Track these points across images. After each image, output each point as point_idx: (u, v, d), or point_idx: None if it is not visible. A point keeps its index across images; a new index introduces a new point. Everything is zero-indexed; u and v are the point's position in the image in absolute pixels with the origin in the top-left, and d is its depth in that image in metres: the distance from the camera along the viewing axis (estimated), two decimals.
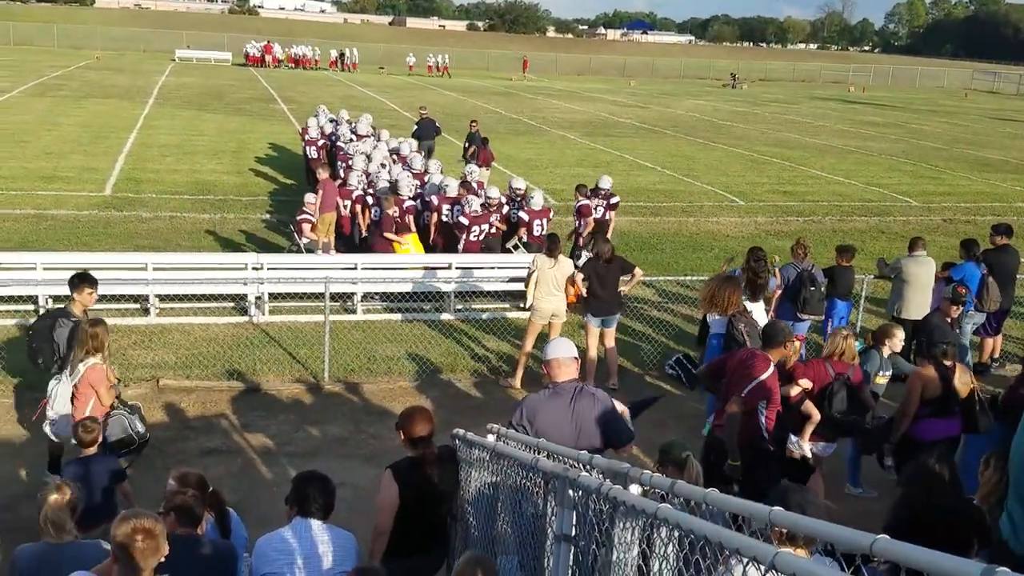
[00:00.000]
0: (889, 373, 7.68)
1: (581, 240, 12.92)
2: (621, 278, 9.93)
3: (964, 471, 5.52)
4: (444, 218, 12.48)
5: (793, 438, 6.85)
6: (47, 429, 6.79)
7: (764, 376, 6.21)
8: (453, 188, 12.81)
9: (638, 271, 10.17)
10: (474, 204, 12.20)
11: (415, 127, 22.13)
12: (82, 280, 7.18)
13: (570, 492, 3.45)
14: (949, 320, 8.74)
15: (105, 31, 72.23)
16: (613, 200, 13.75)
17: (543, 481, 3.85)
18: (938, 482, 4.79)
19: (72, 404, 6.56)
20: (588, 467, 3.61)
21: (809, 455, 6.96)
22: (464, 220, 12.09)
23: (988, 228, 11.64)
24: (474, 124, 21.13)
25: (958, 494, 4.85)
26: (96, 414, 6.38)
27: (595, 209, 13.49)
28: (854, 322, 11.09)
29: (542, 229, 12.58)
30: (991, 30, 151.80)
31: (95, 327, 6.53)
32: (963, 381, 6.98)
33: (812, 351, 10.89)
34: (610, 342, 9.97)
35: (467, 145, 20.58)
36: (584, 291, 9.74)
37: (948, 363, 7.00)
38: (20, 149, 22.03)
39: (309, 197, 13.04)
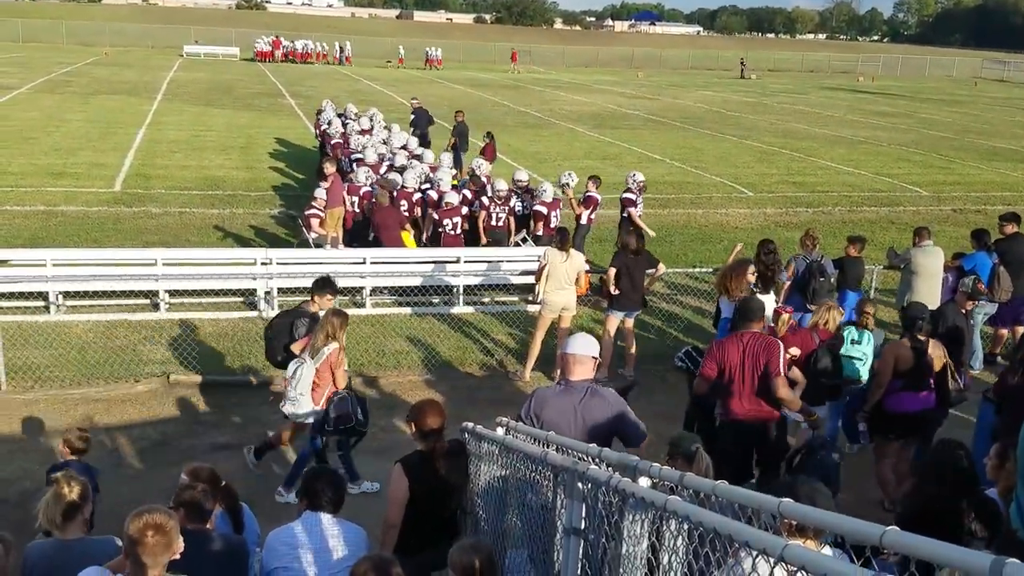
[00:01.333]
0: None
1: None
2: (647, 272, 9.95)
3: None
4: (449, 232, 12.52)
5: None
6: (286, 408, 7.17)
7: (782, 347, 6.39)
8: (447, 182, 12.83)
9: (661, 266, 10.19)
10: (448, 198, 12.26)
11: (412, 116, 22.46)
12: (325, 285, 7.64)
13: (579, 485, 3.45)
14: (964, 312, 8.67)
15: (113, 27, 72.40)
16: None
17: (552, 474, 3.85)
18: (953, 474, 4.78)
19: (312, 385, 7.05)
20: (597, 460, 3.61)
21: (802, 419, 7.06)
22: (435, 215, 12.20)
23: (998, 218, 11.57)
24: (459, 115, 21.11)
25: (973, 487, 4.83)
26: (328, 395, 6.96)
27: (638, 206, 13.39)
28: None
29: (557, 220, 12.63)
30: (1000, 19, 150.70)
31: (337, 316, 7.05)
32: (936, 355, 7.13)
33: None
34: (630, 334, 10.00)
35: (453, 136, 20.60)
36: (613, 287, 9.67)
37: (922, 338, 7.10)
38: (29, 146, 22.12)
39: (318, 192, 13.05)
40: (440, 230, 12.22)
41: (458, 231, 12.28)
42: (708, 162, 24.75)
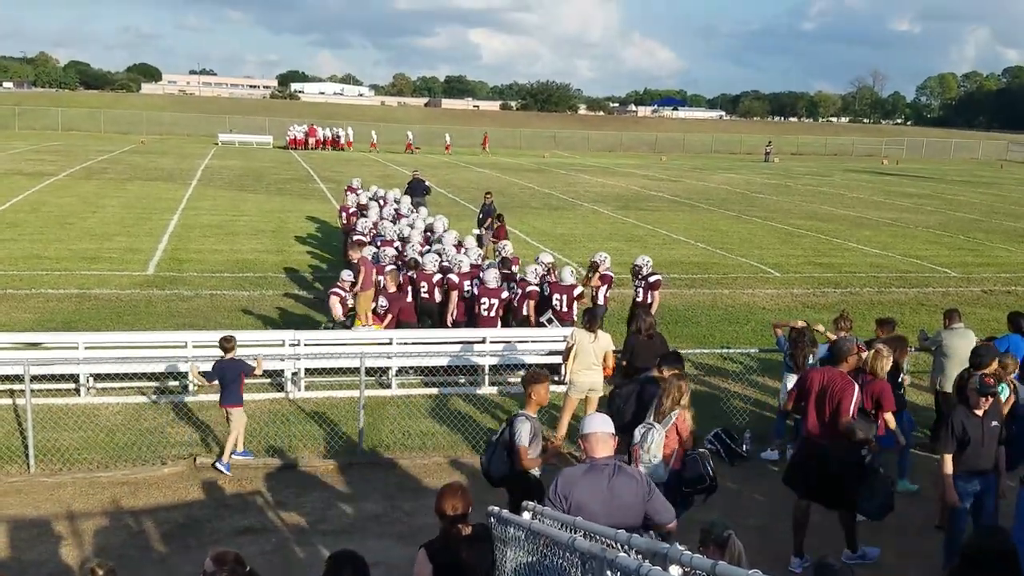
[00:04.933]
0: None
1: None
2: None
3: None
4: (465, 295, 12.60)
5: None
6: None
7: (857, 391, 7.34)
8: (466, 264, 12.92)
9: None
10: (488, 278, 12.43)
11: (407, 186, 24.63)
12: (676, 359, 8.40)
13: (608, 573, 3.38)
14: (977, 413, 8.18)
15: (151, 116, 74.84)
16: (652, 279, 13.12)
17: (580, 561, 3.78)
18: (994, 560, 4.64)
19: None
20: (626, 547, 3.54)
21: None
22: (475, 291, 12.46)
23: None
24: (488, 196, 21.74)
25: (1015, 573, 4.67)
26: (679, 455, 7.26)
27: (637, 291, 13.27)
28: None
29: (561, 305, 12.57)
30: None
31: (682, 381, 7.50)
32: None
33: None
34: None
35: (481, 216, 21.15)
36: (619, 364, 9.74)
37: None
38: (65, 231, 22.67)
39: (345, 274, 13.20)
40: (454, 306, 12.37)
41: (493, 313, 12.34)
42: (733, 243, 24.82)
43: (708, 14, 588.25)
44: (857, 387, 7.38)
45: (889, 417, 7.93)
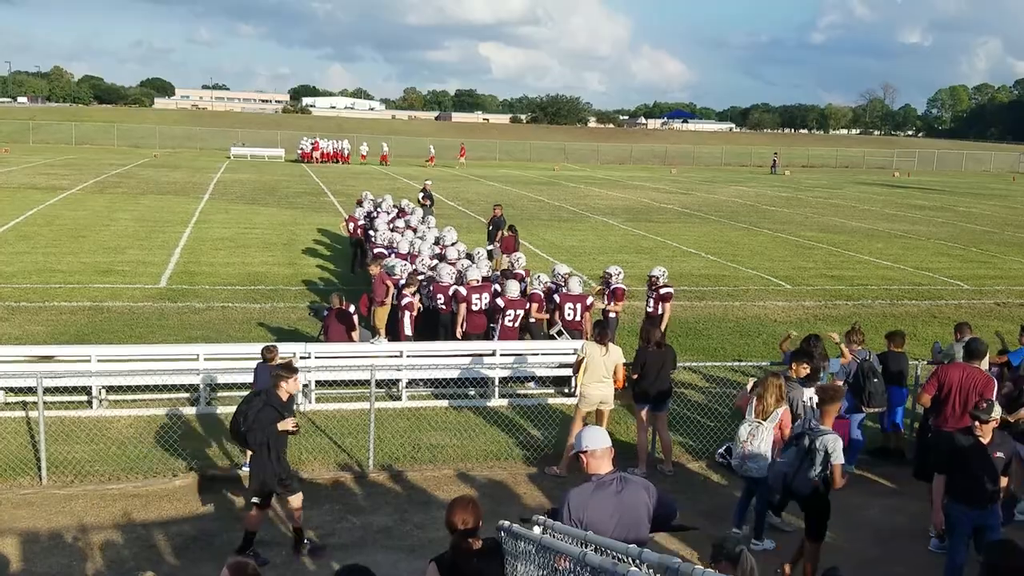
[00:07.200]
0: None
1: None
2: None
3: None
4: (473, 307, 12.60)
5: None
6: (745, 464, 7.68)
7: (996, 385, 8.24)
8: (472, 275, 12.95)
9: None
10: (510, 289, 12.43)
11: (420, 194, 26.89)
12: (803, 355, 8.97)
13: None
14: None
15: (163, 130, 75.34)
16: (664, 291, 13.10)
17: None
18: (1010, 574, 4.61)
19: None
20: (638, 561, 3.52)
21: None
22: (500, 302, 12.44)
23: None
24: (497, 208, 21.77)
25: None
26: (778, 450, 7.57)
27: (648, 302, 13.21)
28: (910, 408, 10.84)
29: (574, 314, 12.59)
30: None
31: (778, 379, 7.90)
32: None
33: (872, 441, 10.56)
34: (663, 427, 9.91)
35: (491, 229, 21.20)
36: (629, 377, 9.74)
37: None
38: (78, 244, 22.81)
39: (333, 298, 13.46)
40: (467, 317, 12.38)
41: (517, 324, 12.37)
42: (744, 255, 24.76)
43: (718, 27, 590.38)
44: (996, 382, 8.15)
45: None
